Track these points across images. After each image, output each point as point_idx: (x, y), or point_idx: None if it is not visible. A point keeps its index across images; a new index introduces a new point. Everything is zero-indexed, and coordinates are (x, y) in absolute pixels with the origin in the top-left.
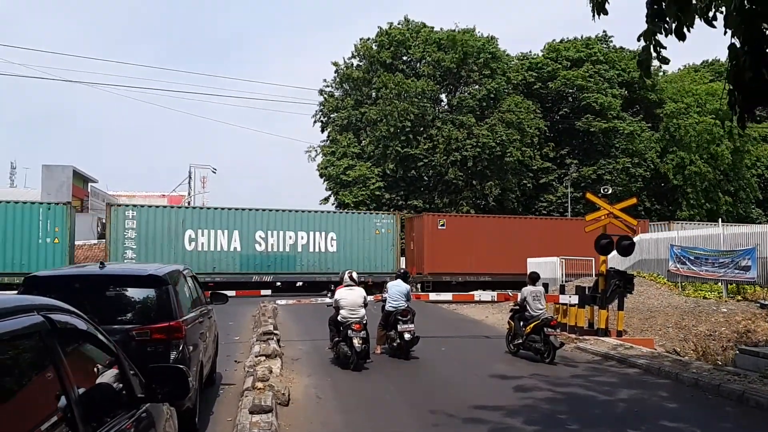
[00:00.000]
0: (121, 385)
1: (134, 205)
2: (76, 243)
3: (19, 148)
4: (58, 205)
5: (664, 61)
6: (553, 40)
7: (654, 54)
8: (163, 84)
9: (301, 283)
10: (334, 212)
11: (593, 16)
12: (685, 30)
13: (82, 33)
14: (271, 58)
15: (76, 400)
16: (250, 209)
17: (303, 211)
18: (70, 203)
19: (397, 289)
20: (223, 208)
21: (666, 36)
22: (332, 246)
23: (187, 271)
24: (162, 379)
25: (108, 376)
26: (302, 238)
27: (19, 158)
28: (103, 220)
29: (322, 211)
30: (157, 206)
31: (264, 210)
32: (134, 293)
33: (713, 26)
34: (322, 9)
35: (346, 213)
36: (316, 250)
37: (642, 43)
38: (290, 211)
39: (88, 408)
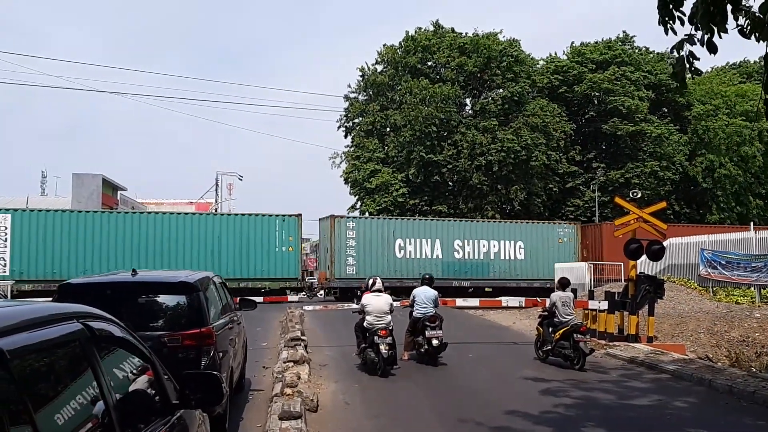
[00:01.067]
0: (155, 391)
1: (354, 217)
2: None
3: (49, 157)
4: (290, 217)
5: (697, 72)
6: (572, 42)
7: (687, 65)
8: (190, 93)
9: (490, 289)
10: (522, 222)
11: None
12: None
13: (111, 44)
14: (297, 67)
15: (114, 406)
16: (450, 220)
17: (495, 221)
18: (300, 215)
19: (425, 295)
20: (427, 219)
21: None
22: (520, 254)
23: (217, 278)
24: (195, 385)
25: (143, 382)
26: (494, 246)
27: (49, 167)
28: None
29: (512, 221)
30: (373, 218)
31: (462, 221)
32: (165, 300)
33: (747, 36)
34: (347, 17)
35: (532, 223)
36: (507, 257)
37: (676, 53)
38: (484, 221)
39: (125, 414)
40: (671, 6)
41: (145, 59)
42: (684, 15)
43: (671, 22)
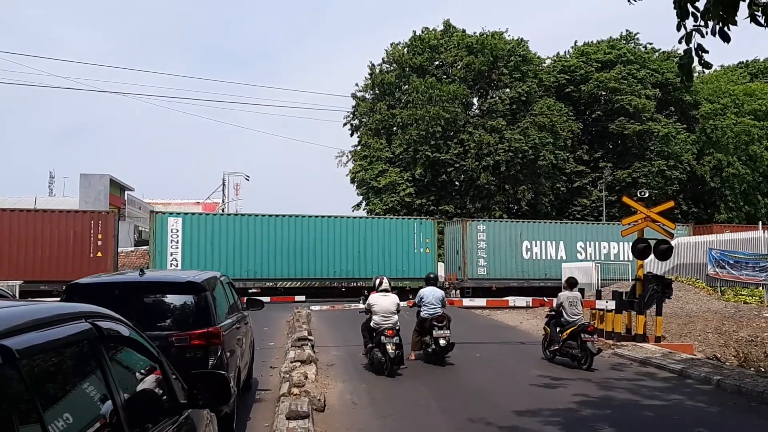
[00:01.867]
0: (163, 390)
1: (485, 220)
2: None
3: (56, 158)
4: (427, 220)
5: (707, 65)
6: (575, 42)
7: (696, 58)
8: (195, 93)
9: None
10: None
11: None
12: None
13: (116, 44)
14: (303, 66)
15: (122, 405)
16: (575, 223)
17: (615, 224)
18: (436, 219)
19: (432, 294)
20: (552, 222)
21: (703, 36)
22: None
23: (224, 277)
24: (203, 385)
25: (151, 382)
26: (613, 248)
27: (57, 167)
28: (140, 228)
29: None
30: (502, 221)
31: (584, 223)
32: (173, 300)
33: (761, 24)
34: (353, 16)
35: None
36: (624, 259)
37: (684, 46)
38: (605, 223)
39: (133, 413)
40: (687, 1)
41: (152, 60)
42: (698, 11)
43: (686, 19)
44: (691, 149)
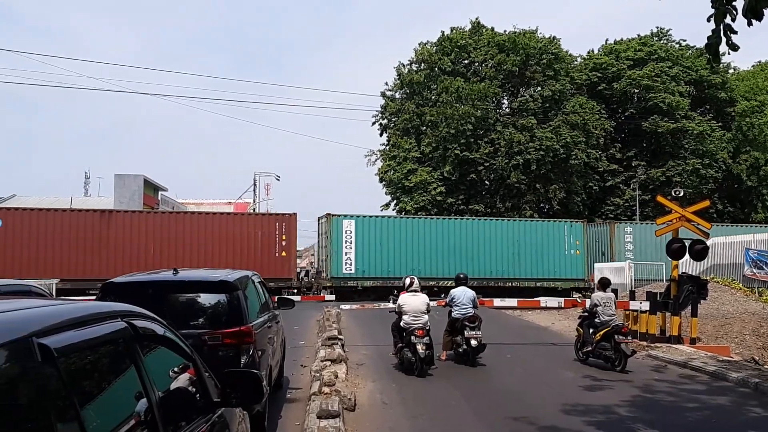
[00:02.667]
0: (197, 389)
1: (632, 222)
2: None
3: (92, 159)
4: (577, 222)
5: (734, 47)
6: (606, 40)
7: (724, 39)
8: (226, 94)
9: None
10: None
11: None
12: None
13: (151, 46)
14: (334, 66)
15: (157, 404)
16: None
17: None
18: (586, 221)
19: (464, 295)
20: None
21: (733, 20)
22: None
23: (256, 276)
24: (236, 383)
25: (184, 380)
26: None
27: (92, 168)
28: None
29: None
30: (645, 223)
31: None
32: (206, 299)
33: None
34: (384, 15)
35: None
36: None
37: (713, 24)
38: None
39: (168, 411)
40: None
41: (184, 61)
42: (736, 10)
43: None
44: (726, 147)
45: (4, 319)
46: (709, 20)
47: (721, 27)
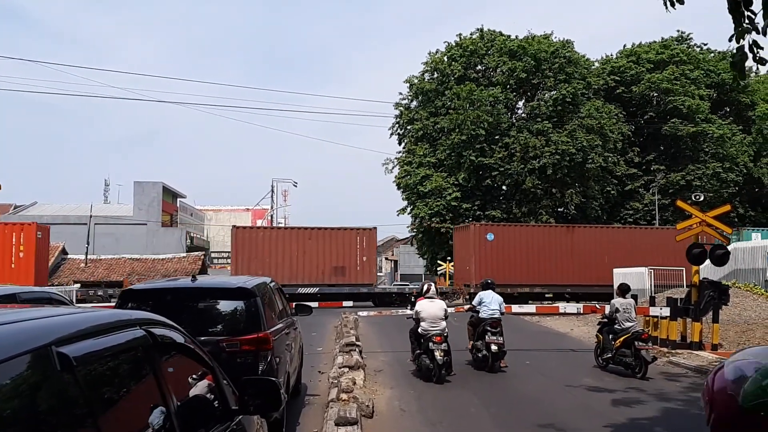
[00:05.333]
0: (215, 396)
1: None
2: (165, 257)
3: (111, 166)
4: None
5: (761, 62)
6: (625, 45)
7: (750, 54)
8: (243, 101)
9: None
10: None
11: (666, 6)
12: None
13: (167, 54)
14: (352, 73)
15: (175, 412)
16: None
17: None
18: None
19: (493, 298)
20: None
21: (759, 33)
22: None
23: (274, 283)
24: (254, 391)
25: (203, 388)
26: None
27: (111, 175)
28: (192, 234)
29: None
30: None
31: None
32: (224, 305)
33: None
34: (401, 23)
35: None
36: None
37: (734, 44)
38: None
39: (186, 419)
40: (742, 5)
41: (199, 69)
42: (754, 14)
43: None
44: (747, 151)
45: (24, 327)
46: (730, 40)
47: (746, 44)
